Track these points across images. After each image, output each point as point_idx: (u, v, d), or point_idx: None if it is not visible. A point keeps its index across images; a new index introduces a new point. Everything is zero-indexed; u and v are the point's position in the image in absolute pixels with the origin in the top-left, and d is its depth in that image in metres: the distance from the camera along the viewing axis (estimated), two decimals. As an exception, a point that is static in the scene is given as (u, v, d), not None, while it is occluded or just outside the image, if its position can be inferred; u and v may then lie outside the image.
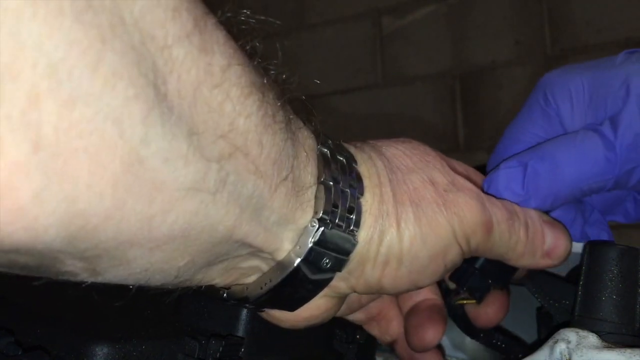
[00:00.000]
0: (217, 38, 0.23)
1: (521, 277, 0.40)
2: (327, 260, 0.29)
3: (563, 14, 1.56)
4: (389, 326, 0.40)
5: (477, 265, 0.37)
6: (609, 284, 0.35)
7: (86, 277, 0.24)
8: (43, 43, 0.17)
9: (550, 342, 0.33)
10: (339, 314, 0.38)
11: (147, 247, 0.23)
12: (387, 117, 1.75)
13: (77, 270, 0.23)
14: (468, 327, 0.40)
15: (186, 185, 0.22)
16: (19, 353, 0.31)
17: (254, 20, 0.27)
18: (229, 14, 0.25)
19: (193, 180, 0.22)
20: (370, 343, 0.43)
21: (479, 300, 0.39)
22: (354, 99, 1.80)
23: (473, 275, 0.38)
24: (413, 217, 0.31)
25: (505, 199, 0.36)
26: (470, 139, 1.68)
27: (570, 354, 0.32)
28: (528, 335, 0.45)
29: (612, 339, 0.33)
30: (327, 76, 1.82)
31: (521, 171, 0.36)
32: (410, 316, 0.39)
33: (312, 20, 1.88)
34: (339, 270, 0.31)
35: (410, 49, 1.74)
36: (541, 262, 0.36)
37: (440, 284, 0.41)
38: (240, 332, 0.35)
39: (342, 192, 0.30)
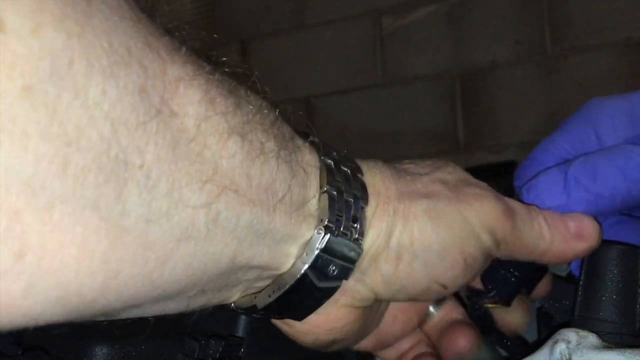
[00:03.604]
0: (191, 97, 0.23)
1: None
2: (334, 268, 0.30)
3: (563, 14, 1.56)
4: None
5: (512, 270, 0.37)
6: (609, 284, 0.35)
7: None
8: (12, 166, 0.19)
9: (550, 342, 0.33)
10: (370, 347, 0.38)
11: (154, 295, 0.24)
12: (387, 117, 1.75)
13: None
14: (486, 325, 0.40)
15: (176, 237, 0.23)
16: (19, 353, 0.31)
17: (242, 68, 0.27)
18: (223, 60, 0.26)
19: (181, 230, 0.23)
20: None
21: (509, 304, 0.38)
22: (354, 99, 1.80)
23: (508, 282, 0.37)
24: (422, 210, 0.31)
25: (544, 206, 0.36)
26: (470, 139, 1.67)
27: (570, 354, 0.32)
28: (528, 335, 0.45)
29: (612, 339, 0.33)
30: (327, 76, 1.82)
31: (562, 178, 0.36)
32: (440, 336, 0.38)
33: (312, 20, 1.88)
34: (345, 278, 0.31)
35: (410, 49, 1.74)
36: (578, 246, 0.35)
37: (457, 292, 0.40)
38: (240, 332, 0.35)
39: (346, 202, 0.30)
